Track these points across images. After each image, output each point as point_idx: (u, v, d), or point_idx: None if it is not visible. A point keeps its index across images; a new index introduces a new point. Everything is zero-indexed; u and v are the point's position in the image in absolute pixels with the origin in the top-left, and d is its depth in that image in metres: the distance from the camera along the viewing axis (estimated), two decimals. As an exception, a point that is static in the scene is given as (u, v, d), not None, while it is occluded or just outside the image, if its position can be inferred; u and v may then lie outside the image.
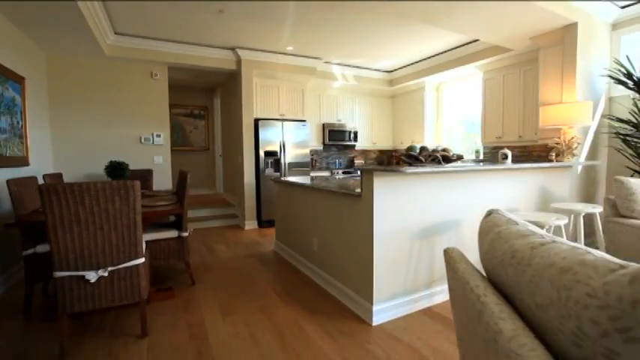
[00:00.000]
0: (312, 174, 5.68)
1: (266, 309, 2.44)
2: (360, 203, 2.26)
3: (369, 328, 2.15)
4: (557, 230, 2.46)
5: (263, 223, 5.19)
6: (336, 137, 6.19)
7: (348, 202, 2.43)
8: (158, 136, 4.85)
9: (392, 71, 6.43)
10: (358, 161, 6.88)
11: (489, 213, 1.01)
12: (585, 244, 3.40)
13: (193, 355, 1.88)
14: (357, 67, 6.09)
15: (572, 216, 2.67)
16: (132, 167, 4.42)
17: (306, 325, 2.20)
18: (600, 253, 0.60)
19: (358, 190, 2.28)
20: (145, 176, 4.30)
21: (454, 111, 6.03)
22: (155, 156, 4.84)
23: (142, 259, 2.01)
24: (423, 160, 2.19)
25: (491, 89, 4.97)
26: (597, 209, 2.64)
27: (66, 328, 1.89)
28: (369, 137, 6.75)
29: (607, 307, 0.49)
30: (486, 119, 5.05)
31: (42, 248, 2.30)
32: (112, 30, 4.21)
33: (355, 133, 6.41)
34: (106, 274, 1.90)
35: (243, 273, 3.21)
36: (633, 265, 0.52)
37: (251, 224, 5.16)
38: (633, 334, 0.47)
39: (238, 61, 5.05)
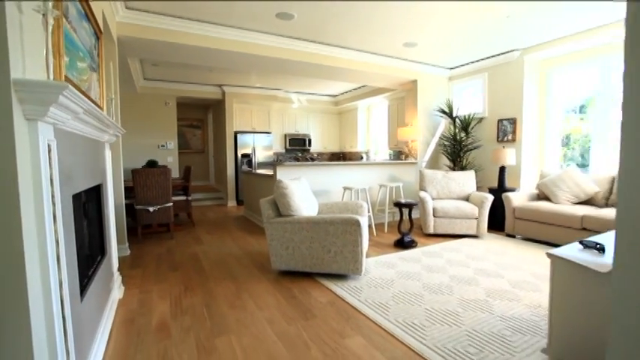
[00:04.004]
0: (276, 169, 8.18)
1: (230, 233, 4.95)
2: (272, 180, 4.78)
3: (276, 237, 4.65)
4: (362, 192, 5.00)
5: (239, 201, 7.69)
6: (294, 143, 8.69)
7: (269, 180, 4.94)
8: (170, 143, 7.35)
9: (336, 96, 8.96)
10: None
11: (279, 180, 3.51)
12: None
13: (194, 242, 4.38)
14: (310, 93, 8.61)
15: (388, 186, 5.16)
16: (154, 164, 6.89)
17: (248, 237, 4.71)
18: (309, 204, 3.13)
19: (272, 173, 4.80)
20: (163, 169, 6.78)
21: (378, 125, 8.53)
22: (168, 157, 7.34)
23: (171, 204, 4.52)
24: (299, 159, 4.67)
25: (393, 112, 7.48)
26: (400, 184, 5.13)
27: (140, 232, 4.40)
28: (322, 143, 9.27)
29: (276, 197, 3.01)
30: (390, 132, 7.56)
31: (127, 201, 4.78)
32: (142, 77, 6.70)
33: (310, 140, 8.92)
34: (157, 209, 4.40)
35: (221, 223, 5.73)
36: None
37: (232, 203, 7.67)
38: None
39: (223, 94, 7.57)
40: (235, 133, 7.67)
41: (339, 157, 9.54)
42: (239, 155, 7.68)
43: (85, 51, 1.95)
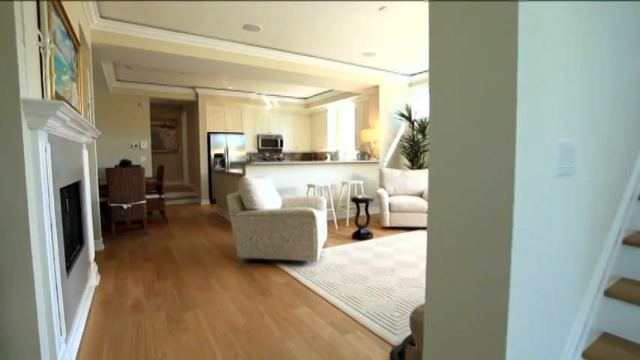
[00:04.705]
0: (248, 168, 8.47)
1: (202, 229, 5.24)
2: (241, 178, 5.11)
3: (245, 231, 5.00)
4: (325, 189, 5.42)
5: (213, 200, 7.95)
6: (267, 144, 9.02)
7: (238, 179, 5.27)
8: (143, 143, 7.51)
9: (307, 98, 9.36)
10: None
11: (244, 178, 3.87)
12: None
13: (167, 237, 4.66)
14: (282, 95, 8.96)
15: (350, 184, 5.61)
16: (127, 163, 7.04)
17: (218, 232, 5.03)
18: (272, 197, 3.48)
19: (242, 172, 5.13)
20: (136, 169, 6.94)
21: (346, 127, 8.99)
22: (141, 156, 7.50)
23: (145, 201, 4.77)
24: (267, 159, 5.03)
25: (359, 115, 7.95)
26: (361, 182, 5.60)
27: (114, 229, 4.63)
28: (293, 143, 9.64)
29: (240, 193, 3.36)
30: (357, 134, 8.03)
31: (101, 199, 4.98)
32: (115, 78, 6.85)
33: (282, 141, 9.28)
34: (130, 206, 4.64)
35: (194, 220, 6.00)
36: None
37: (205, 201, 7.92)
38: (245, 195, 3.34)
39: (196, 95, 7.80)
40: (208, 134, 7.92)
41: (311, 156, 9.94)
42: (212, 155, 7.94)
43: (67, 65, 2.25)
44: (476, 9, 0.97)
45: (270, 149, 9.24)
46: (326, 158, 8.58)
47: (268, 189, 3.75)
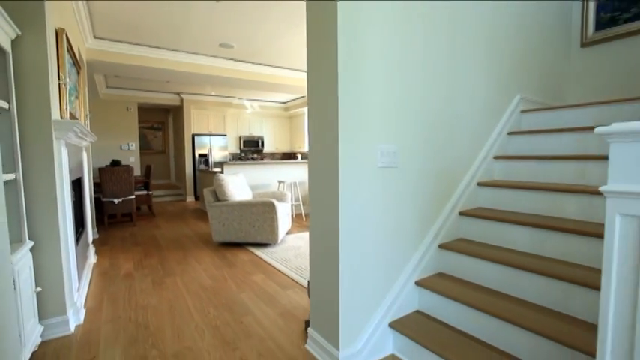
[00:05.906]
0: (231, 168, 9.13)
1: (185, 221, 5.91)
2: (215, 174, 5.80)
3: (223, 223, 5.69)
4: (293, 185, 6.15)
5: (197, 197, 8.60)
6: (249, 145, 9.70)
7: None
8: (131, 145, 8.13)
9: (286, 102, 10.06)
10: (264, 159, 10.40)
11: (219, 176, 4.56)
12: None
13: (154, 228, 5.32)
14: (262, 100, 9.65)
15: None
16: (117, 163, 7.64)
17: (200, 223, 5.70)
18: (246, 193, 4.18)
19: (220, 170, 5.82)
20: (125, 168, 7.54)
21: (322, 129, 9.71)
22: (130, 157, 8.11)
23: (134, 196, 5.42)
24: (243, 158, 5.72)
25: (332, 119, 8.68)
26: (328, 180, 6.33)
27: (106, 221, 5.27)
28: (274, 144, 10.34)
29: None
30: (330, 136, 8.76)
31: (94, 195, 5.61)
32: (105, 85, 7.46)
33: (263, 142, 9.96)
34: (121, 201, 5.29)
35: (179, 214, 6.66)
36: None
37: (190, 198, 8.56)
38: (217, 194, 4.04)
39: (181, 100, 8.44)
40: (193, 136, 8.57)
41: (290, 156, 10.64)
42: (197, 155, 8.59)
43: (73, 87, 2.92)
44: (315, 34, 1.70)
45: (252, 150, 9.91)
46: (297, 158, 9.30)
47: (240, 184, 4.45)
